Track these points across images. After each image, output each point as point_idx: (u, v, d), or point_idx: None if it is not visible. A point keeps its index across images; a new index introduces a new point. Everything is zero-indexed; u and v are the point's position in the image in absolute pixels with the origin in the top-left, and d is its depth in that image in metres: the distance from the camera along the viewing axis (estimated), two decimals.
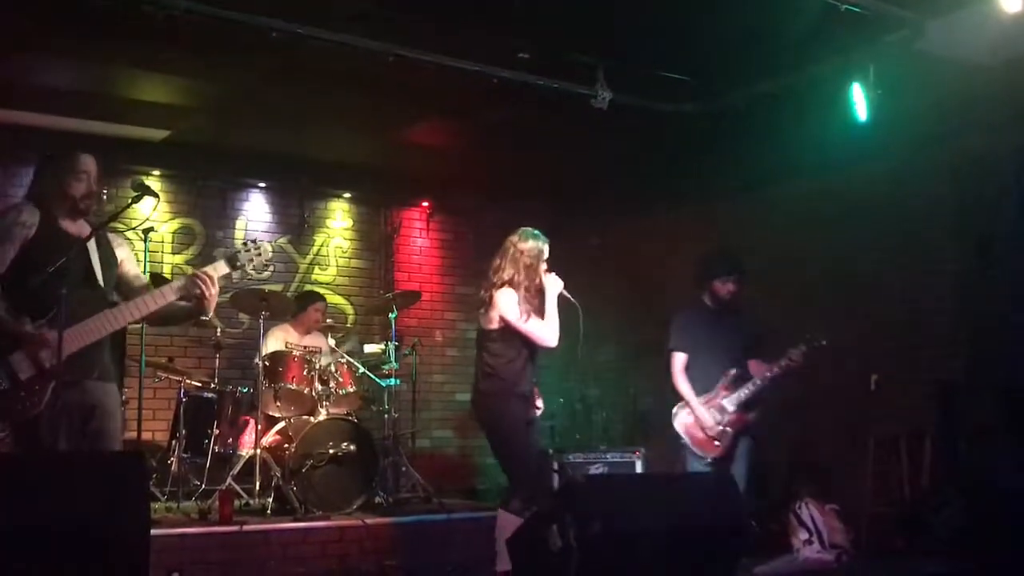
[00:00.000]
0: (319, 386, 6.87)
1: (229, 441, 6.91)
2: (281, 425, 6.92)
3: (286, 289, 8.57)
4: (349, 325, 8.94)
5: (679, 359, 5.88)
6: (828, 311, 7.22)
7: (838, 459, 7.18)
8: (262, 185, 8.78)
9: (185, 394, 6.95)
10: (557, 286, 5.17)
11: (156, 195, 4.27)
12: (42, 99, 7.15)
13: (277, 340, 7.37)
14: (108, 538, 3.12)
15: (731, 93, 6.85)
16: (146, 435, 7.33)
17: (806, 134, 6.79)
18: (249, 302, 7.19)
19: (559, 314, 5.17)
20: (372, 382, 7.45)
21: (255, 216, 8.73)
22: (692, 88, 6.91)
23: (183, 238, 8.38)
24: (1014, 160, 6.45)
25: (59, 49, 6.35)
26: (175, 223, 8.34)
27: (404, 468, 7.44)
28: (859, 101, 6.24)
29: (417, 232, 9.57)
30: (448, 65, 6.28)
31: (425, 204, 9.57)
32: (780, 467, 7.30)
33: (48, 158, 4.23)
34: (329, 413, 6.84)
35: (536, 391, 5.34)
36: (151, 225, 7.65)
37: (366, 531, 6.19)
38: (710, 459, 5.74)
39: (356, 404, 7.31)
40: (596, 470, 7.31)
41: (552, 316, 5.13)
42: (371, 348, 7.98)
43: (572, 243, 7.27)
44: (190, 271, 4.23)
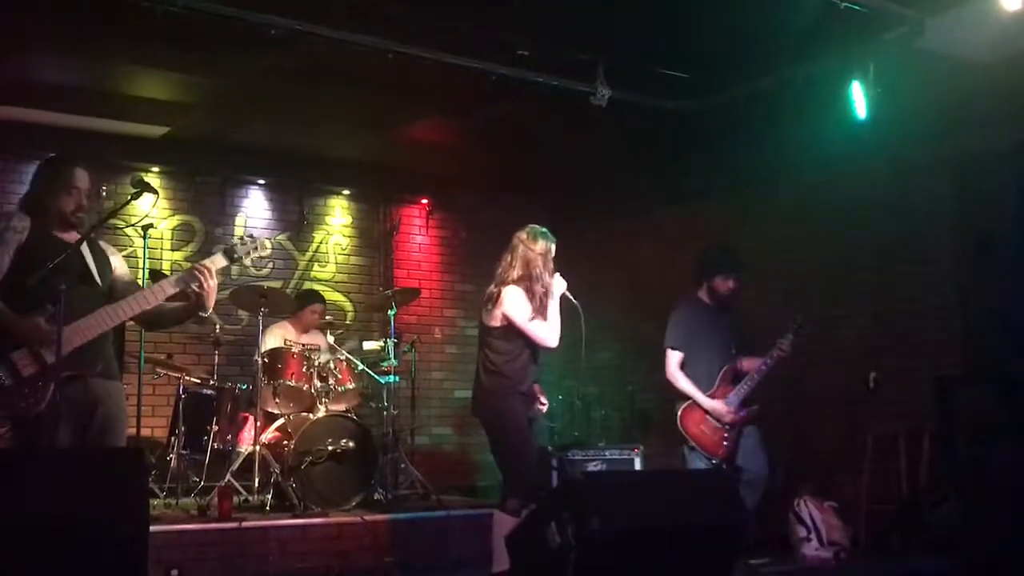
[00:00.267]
0: (318, 383, 6.88)
1: (228, 438, 6.91)
2: (280, 422, 6.93)
3: (285, 286, 8.57)
4: (348, 322, 8.95)
5: (675, 357, 5.82)
6: (827, 308, 7.23)
7: (837, 456, 7.18)
8: (261, 182, 8.78)
9: (184, 390, 6.95)
10: (561, 287, 5.16)
11: (155, 191, 4.28)
12: (42, 96, 7.14)
13: (276, 337, 7.37)
14: (107, 534, 3.13)
15: (730, 90, 6.83)
16: (145, 431, 7.33)
17: (805, 132, 6.78)
18: (248, 299, 7.20)
19: (560, 315, 5.17)
20: (371, 379, 7.45)
21: (254, 213, 8.73)
22: (692, 85, 6.90)
23: (182, 235, 8.38)
24: (1013, 157, 6.45)
25: (59, 46, 6.34)
26: (174, 220, 8.35)
27: (403, 465, 7.44)
28: (858, 98, 6.23)
29: (416, 229, 9.57)
30: (448, 62, 6.28)
31: (424, 201, 9.56)
32: (779, 464, 7.29)
33: (44, 166, 4.23)
34: (328, 410, 6.85)
35: (539, 389, 5.34)
36: (150, 222, 7.63)
37: (365, 528, 6.19)
38: (715, 460, 5.67)
39: (355, 401, 7.31)
40: (595, 467, 7.31)
41: (554, 317, 5.12)
42: (370, 345, 7.97)
43: (571, 241, 7.25)
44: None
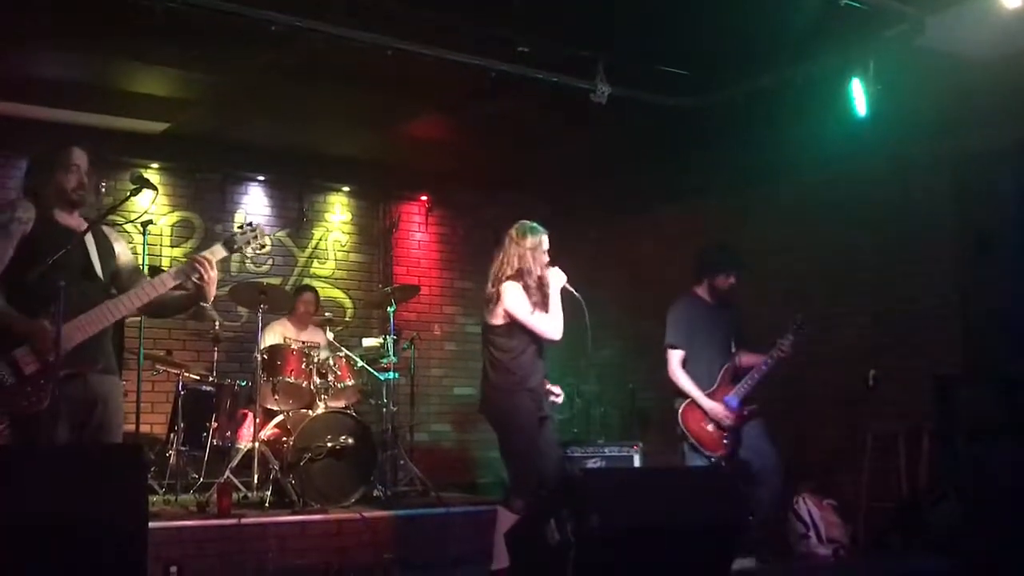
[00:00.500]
0: (317, 379, 6.88)
1: (227, 434, 6.91)
2: (279, 418, 6.93)
3: (284, 282, 8.58)
4: (348, 319, 8.95)
5: (677, 355, 5.81)
6: (827, 307, 7.23)
7: (836, 455, 7.18)
8: (261, 178, 8.78)
9: (183, 387, 6.95)
10: (560, 280, 5.15)
11: (155, 188, 4.26)
12: (43, 92, 7.14)
13: (275, 334, 7.38)
14: (106, 531, 3.12)
15: (731, 88, 6.83)
16: (144, 428, 7.33)
17: (805, 129, 6.78)
18: (248, 295, 7.21)
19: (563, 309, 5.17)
20: (370, 376, 7.45)
21: (254, 209, 8.72)
22: (692, 83, 6.90)
23: (182, 231, 8.37)
24: (1014, 155, 6.45)
25: (60, 42, 6.34)
26: (174, 216, 8.34)
27: (402, 462, 7.45)
28: (858, 96, 6.22)
29: (416, 226, 9.56)
30: (447, 59, 6.27)
31: (424, 198, 9.56)
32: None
33: (39, 153, 4.22)
34: (327, 407, 6.84)
35: (546, 383, 5.31)
36: (150, 218, 7.61)
37: (364, 524, 6.19)
38: (715, 458, 5.66)
39: (354, 398, 7.31)
40: (594, 464, 7.31)
41: (556, 309, 5.12)
42: (369, 342, 7.97)
43: (571, 238, 7.27)
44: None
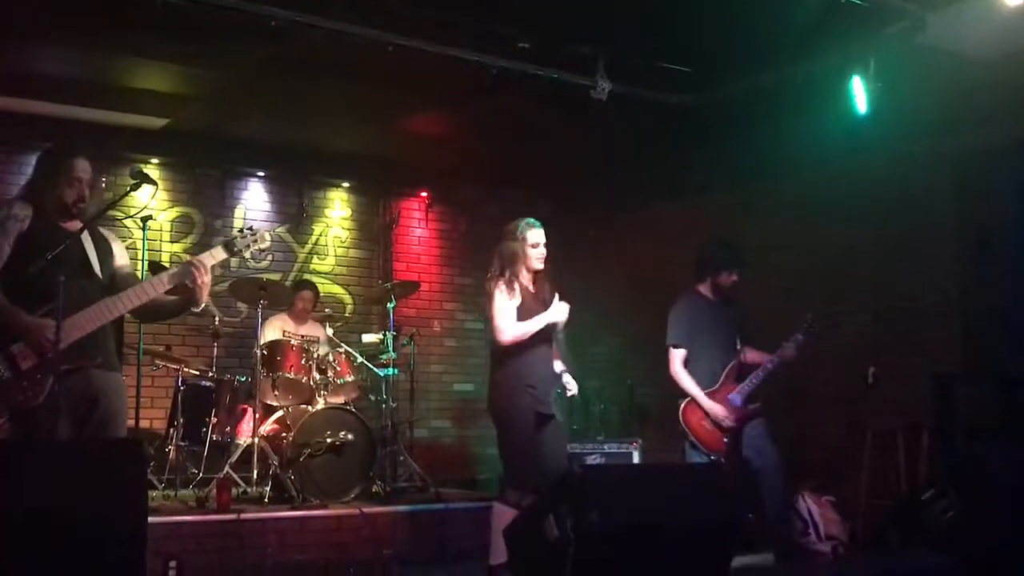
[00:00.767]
0: (317, 375, 6.88)
1: (227, 429, 6.91)
2: (279, 414, 6.93)
3: (284, 278, 8.57)
4: (347, 315, 8.95)
5: (678, 355, 5.77)
6: (826, 304, 7.22)
7: (835, 452, 7.18)
8: (261, 174, 8.77)
9: (183, 382, 6.95)
10: (558, 313, 5.10)
11: (155, 183, 4.27)
12: (43, 87, 7.13)
13: (275, 329, 7.38)
14: (106, 526, 3.13)
15: (731, 85, 6.82)
16: (144, 423, 7.34)
17: (806, 127, 6.78)
18: (247, 291, 7.20)
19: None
20: (370, 372, 7.45)
21: (254, 205, 8.72)
22: (692, 80, 6.89)
23: (182, 226, 8.37)
24: (1014, 154, 6.44)
25: (60, 37, 6.32)
26: (174, 211, 8.34)
27: (402, 458, 7.45)
28: (859, 94, 6.21)
29: (416, 222, 9.56)
30: (448, 55, 6.27)
31: (424, 194, 9.56)
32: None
33: (45, 157, 4.22)
34: (327, 402, 6.85)
35: (563, 376, 5.30)
36: (149, 213, 7.63)
37: (363, 520, 6.19)
38: (714, 457, 5.65)
39: (354, 394, 7.32)
40: (593, 460, 7.32)
41: (528, 326, 5.06)
42: (369, 338, 7.97)
43: (571, 235, 7.28)
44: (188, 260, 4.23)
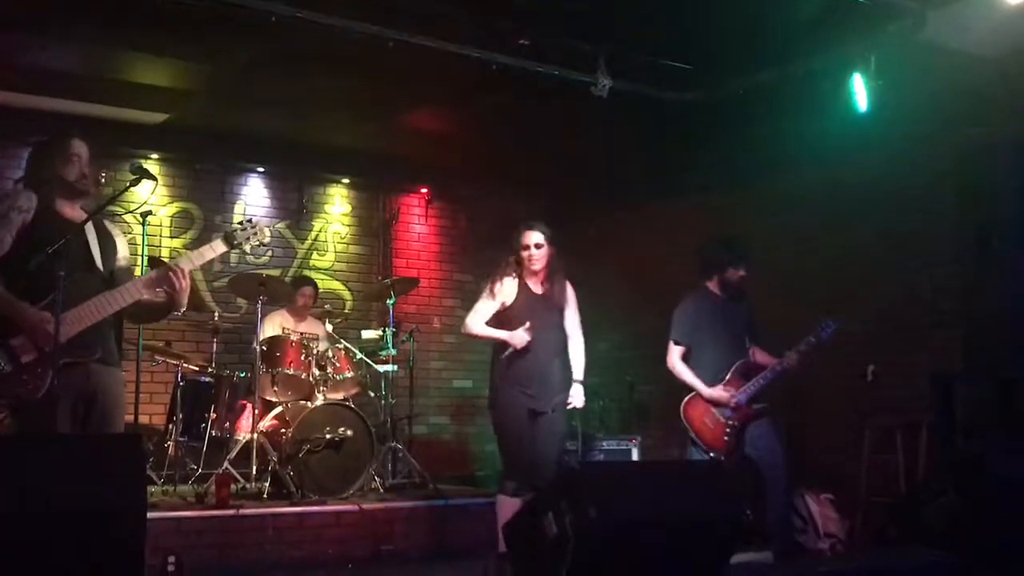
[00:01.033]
0: (316, 371, 6.88)
1: (226, 425, 6.91)
2: (278, 410, 6.93)
3: (284, 274, 8.57)
4: (347, 311, 8.94)
5: (676, 350, 5.84)
6: (827, 301, 7.21)
7: (834, 450, 7.18)
8: (261, 170, 8.77)
9: (182, 378, 6.95)
10: (519, 339, 5.19)
11: (154, 178, 4.25)
12: (42, 82, 7.12)
13: (274, 325, 7.38)
14: (105, 521, 3.12)
15: (731, 82, 6.81)
16: (143, 418, 7.33)
17: (806, 124, 6.77)
18: (247, 287, 7.20)
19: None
20: (369, 368, 7.45)
21: (253, 201, 8.71)
22: (692, 77, 6.89)
23: (181, 222, 8.36)
24: (1015, 152, 6.43)
25: (59, 32, 6.32)
26: (173, 207, 8.33)
27: (401, 454, 7.45)
28: (860, 91, 6.21)
29: (416, 219, 9.55)
30: (448, 51, 6.26)
31: (424, 191, 9.55)
32: None
33: (38, 144, 4.24)
34: (326, 398, 6.85)
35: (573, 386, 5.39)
36: (149, 209, 7.59)
37: (362, 516, 6.20)
38: (712, 454, 5.65)
39: (353, 390, 7.31)
40: (593, 457, 7.32)
41: (484, 331, 5.34)
42: (369, 334, 7.97)
43: (571, 231, 7.26)
44: (187, 255, 4.23)
